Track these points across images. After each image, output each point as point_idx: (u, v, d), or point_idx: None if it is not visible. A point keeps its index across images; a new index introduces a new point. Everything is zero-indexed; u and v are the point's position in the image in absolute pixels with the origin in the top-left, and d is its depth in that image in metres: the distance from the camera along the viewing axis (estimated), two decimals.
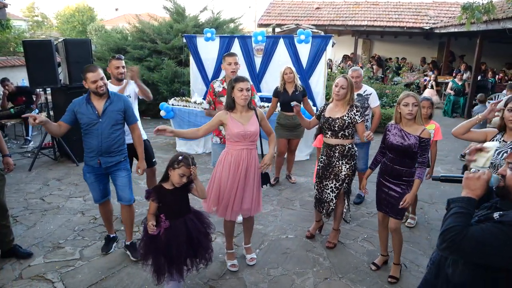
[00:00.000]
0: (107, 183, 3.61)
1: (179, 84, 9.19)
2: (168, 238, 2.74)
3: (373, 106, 4.65)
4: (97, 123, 3.30)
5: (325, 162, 3.70)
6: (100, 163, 3.38)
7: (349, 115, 3.54)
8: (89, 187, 3.58)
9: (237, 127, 3.14)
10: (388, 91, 10.24)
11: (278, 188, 5.38)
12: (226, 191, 3.20)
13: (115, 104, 3.36)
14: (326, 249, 3.81)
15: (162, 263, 2.77)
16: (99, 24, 25.90)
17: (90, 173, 3.46)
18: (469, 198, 1.60)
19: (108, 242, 3.77)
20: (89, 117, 3.29)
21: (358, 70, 4.63)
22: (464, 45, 14.98)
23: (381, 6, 16.45)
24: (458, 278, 1.60)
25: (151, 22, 10.97)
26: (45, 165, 6.18)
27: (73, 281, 3.26)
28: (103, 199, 3.61)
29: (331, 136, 3.62)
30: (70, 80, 5.99)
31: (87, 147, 3.40)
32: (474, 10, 5.95)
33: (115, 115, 3.36)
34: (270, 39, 7.15)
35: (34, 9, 35.30)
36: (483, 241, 1.44)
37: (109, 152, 3.38)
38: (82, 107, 3.31)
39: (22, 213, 4.49)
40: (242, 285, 3.26)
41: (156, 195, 2.78)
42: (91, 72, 3.24)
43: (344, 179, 3.64)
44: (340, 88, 3.54)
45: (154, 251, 2.79)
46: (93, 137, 3.32)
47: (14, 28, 15.19)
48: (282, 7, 17.52)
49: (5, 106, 7.35)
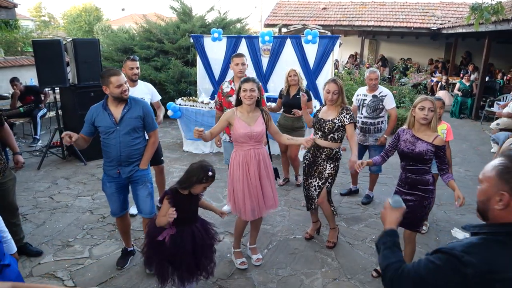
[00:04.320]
0: (127, 195, 3.38)
1: (185, 84, 9.22)
2: (173, 245, 2.70)
3: (388, 108, 4.63)
4: (115, 131, 3.08)
5: (310, 160, 3.74)
6: (119, 173, 3.19)
7: (339, 118, 3.60)
8: (108, 198, 3.35)
9: (243, 128, 3.17)
10: (395, 91, 10.21)
11: (286, 188, 5.38)
12: (241, 192, 3.23)
13: (133, 110, 3.13)
14: (332, 249, 3.81)
15: (165, 268, 2.76)
16: (105, 24, 26.02)
17: (110, 183, 3.22)
18: (387, 231, 1.63)
19: (125, 255, 3.56)
20: (106, 124, 3.07)
21: (375, 72, 4.62)
22: (472, 45, 14.89)
23: (387, 6, 16.40)
24: None
25: (158, 22, 11.00)
26: (54, 164, 6.22)
27: (83, 279, 3.28)
28: (122, 212, 3.37)
29: (321, 138, 3.66)
30: (78, 79, 6.03)
31: (105, 156, 3.20)
32: (483, 10, 5.92)
33: (134, 122, 3.12)
34: (277, 39, 7.15)
35: (41, 9, 35.57)
36: (419, 276, 1.36)
37: (129, 162, 3.18)
38: (99, 114, 3.10)
39: (31, 211, 4.53)
40: (250, 285, 3.26)
41: (172, 197, 2.71)
42: (115, 76, 3.00)
43: (328, 177, 3.67)
44: (332, 94, 3.58)
45: (158, 255, 2.76)
46: (111, 146, 3.11)
47: (22, 28, 15.32)
48: (288, 7, 17.51)
49: (15, 105, 7.41)
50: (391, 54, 17.25)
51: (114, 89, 3.02)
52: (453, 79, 13.20)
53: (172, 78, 9.53)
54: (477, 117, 10.62)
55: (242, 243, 3.80)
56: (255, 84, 3.17)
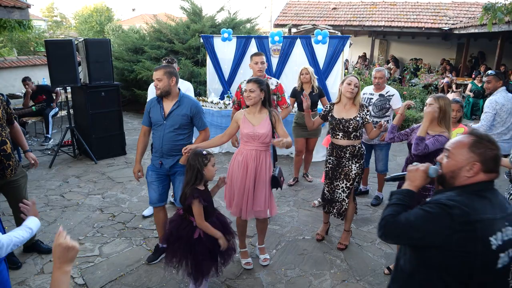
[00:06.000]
0: (166, 187, 3.50)
1: (195, 83, 9.24)
2: (209, 237, 2.75)
3: (395, 107, 4.61)
4: (162, 125, 3.26)
5: (334, 163, 3.69)
6: (161, 163, 3.35)
7: (361, 115, 3.58)
8: (148, 186, 3.48)
9: (247, 128, 3.17)
10: (405, 92, 10.13)
11: (294, 189, 5.37)
12: (237, 190, 3.24)
13: (182, 108, 3.26)
14: (342, 251, 3.79)
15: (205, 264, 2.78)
16: (116, 24, 26.22)
17: (152, 171, 3.41)
18: (408, 190, 1.75)
19: (156, 252, 3.58)
20: (157, 117, 3.28)
21: (382, 71, 4.61)
22: (484, 46, 14.69)
23: (398, 6, 16.26)
24: (408, 266, 1.70)
25: (168, 22, 11.06)
26: (65, 163, 6.29)
27: (93, 277, 3.32)
28: (159, 202, 3.47)
29: (343, 138, 3.60)
30: (89, 79, 6.09)
31: (154, 146, 3.41)
32: (496, 11, 5.83)
33: (180, 119, 3.25)
34: (287, 40, 7.14)
35: (54, 10, 35.98)
36: (409, 223, 1.57)
37: (171, 155, 3.32)
38: (154, 106, 3.32)
39: (43, 209, 4.58)
40: (259, 285, 3.26)
41: (200, 196, 2.70)
42: (154, 71, 3.24)
43: (355, 178, 3.64)
44: (354, 86, 3.54)
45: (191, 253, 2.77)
46: (156, 138, 3.32)
47: (35, 28, 15.52)
48: (298, 7, 17.46)
49: (28, 104, 7.51)
50: (401, 55, 17.10)
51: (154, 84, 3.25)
52: (464, 80, 13.03)
53: (182, 78, 9.55)
54: None
55: (251, 243, 3.81)
56: (256, 85, 3.14)
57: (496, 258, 1.51)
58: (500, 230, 1.51)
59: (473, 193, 1.58)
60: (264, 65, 4.33)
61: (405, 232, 1.59)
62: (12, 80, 9.50)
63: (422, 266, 1.63)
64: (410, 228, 1.57)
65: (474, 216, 1.49)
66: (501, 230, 1.51)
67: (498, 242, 1.49)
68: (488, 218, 1.50)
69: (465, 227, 1.48)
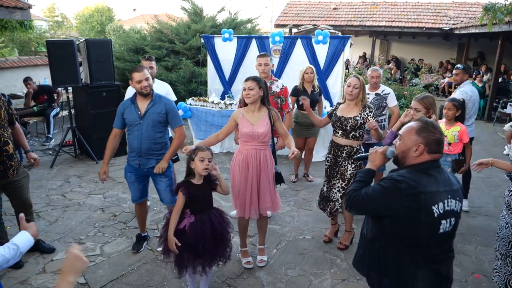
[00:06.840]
0: (147, 184, 3.63)
1: (196, 84, 9.27)
2: (194, 232, 2.77)
3: (391, 105, 4.67)
4: (138, 124, 3.34)
5: (331, 161, 3.72)
6: (139, 164, 3.41)
7: (361, 115, 3.56)
8: (129, 186, 3.61)
9: (246, 127, 3.18)
10: (406, 92, 10.12)
11: (295, 188, 5.39)
12: (240, 189, 3.25)
13: (156, 106, 3.36)
14: (343, 250, 3.80)
15: (185, 257, 2.80)
16: (117, 25, 26.27)
17: (130, 173, 3.49)
18: (368, 169, 2.05)
19: (139, 240, 3.80)
20: (132, 117, 3.35)
21: (378, 70, 4.67)
22: (485, 46, 14.69)
23: (399, 6, 16.26)
24: (369, 234, 2.00)
25: (169, 23, 11.08)
26: (66, 162, 6.31)
27: (94, 276, 3.33)
28: (140, 199, 3.63)
29: (342, 136, 3.62)
30: (91, 79, 6.11)
31: (129, 147, 3.47)
32: (496, 11, 5.84)
33: (156, 117, 3.35)
34: (287, 40, 7.15)
35: (55, 10, 36.07)
36: (368, 196, 1.86)
37: (149, 154, 3.39)
38: (127, 107, 3.39)
39: (44, 208, 4.61)
40: (259, 285, 3.28)
41: (186, 188, 2.79)
42: (137, 72, 3.29)
43: (350, 178, 3.64)
44: (353, 88, 3.55)
45: (178, 245, 2.79)
46: (133, 138, 3.37)
47: (36, 28, 15.56)
48: (299, 7, 17.47)
49: (29, 104, 7.53)
50: (402, 55, 17.11)
51: (135, 84, 3.32)
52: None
53: (183, 78, 9.59)
54: (489, 118, 10.48)
55: (251, 243, 3.82)
56: (255, 83, 3.14)
57: (438, 224, 1.77)
58: (442, 201, 1.77)
59: (420, 171, 1.84)
60: (268, 66, 4.33)
61: (365, 204, 1.88)
62: (13, 80, 9.51)
63: (380, 234, 1.93)
64: (368, 201, 1.86)
65: (419, 188, 1.75)
66: (443, 201, 1.78)
67: (440, 211, 1.76)
68: (431, 191, 1.77)
69: (411, 198, 1.74)
